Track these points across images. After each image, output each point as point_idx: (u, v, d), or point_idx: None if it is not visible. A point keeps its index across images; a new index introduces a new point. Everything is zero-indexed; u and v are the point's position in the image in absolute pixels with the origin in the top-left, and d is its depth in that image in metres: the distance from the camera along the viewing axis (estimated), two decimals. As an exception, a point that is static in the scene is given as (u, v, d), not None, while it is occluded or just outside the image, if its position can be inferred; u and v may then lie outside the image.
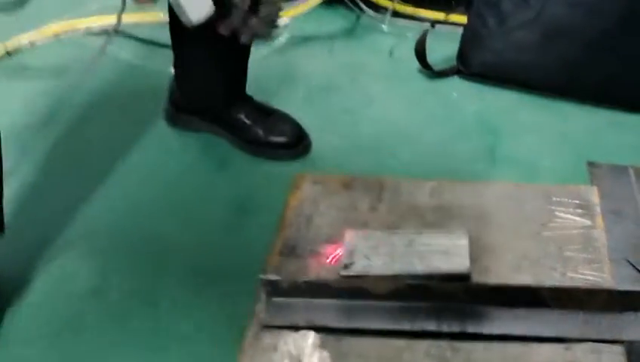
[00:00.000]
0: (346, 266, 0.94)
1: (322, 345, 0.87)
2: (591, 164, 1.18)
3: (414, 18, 1.55)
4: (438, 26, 1.42)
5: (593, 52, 1.25)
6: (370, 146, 1.24)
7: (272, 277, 0.89)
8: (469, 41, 1.35)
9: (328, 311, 0.87)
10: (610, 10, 1.22)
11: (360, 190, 1.12)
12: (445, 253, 0.94)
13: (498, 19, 1.29)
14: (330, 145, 1.25)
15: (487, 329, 0.85)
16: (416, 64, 1.41)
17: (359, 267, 0.93)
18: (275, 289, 0.88)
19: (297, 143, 1.21)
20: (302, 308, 0.88)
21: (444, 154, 1.23)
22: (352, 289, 0.87)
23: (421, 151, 1.24)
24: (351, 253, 0.96)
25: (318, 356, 0.87)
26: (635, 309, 0.85)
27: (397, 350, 0.85)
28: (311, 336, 0.87)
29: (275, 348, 0.86)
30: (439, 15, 1.49)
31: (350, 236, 0.99)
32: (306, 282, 0.88)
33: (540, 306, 0.85)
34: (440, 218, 1.05)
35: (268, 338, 0.88)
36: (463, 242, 0.95)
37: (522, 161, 1.20)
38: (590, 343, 0.84)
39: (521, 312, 0.85)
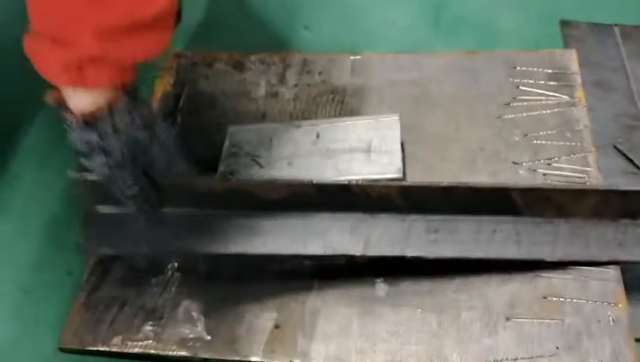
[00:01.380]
0: (223, 175, 0.65)
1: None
2: (565, 24, 0.89)
3: None
4: None
5: None
6: (273, 16, 0.91)
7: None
8: None
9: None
10: None
11: (255, 70, 0.81)
12: (367, 150, 0.65)
13: None
14: (218, 13, 0.91)
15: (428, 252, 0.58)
16: None
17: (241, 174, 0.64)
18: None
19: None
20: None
21: (374, 20, 0.91)
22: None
23: (343, 18, 0.92)
24: (231, 155, 0.67)
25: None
26: (633, 216, 0.59)
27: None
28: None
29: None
30: None
31: (232, 132, 0.69)
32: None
33: (503, 214, 0.58)
34: (364, 101, 0.75)
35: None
36: (394, 133, 0.66)
37: (475, 23, 0.90)
38: (573, 268, 0.59)
39: (468, 228, 0.58)
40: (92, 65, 0.45)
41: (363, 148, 0.64)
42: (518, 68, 0.76)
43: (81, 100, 0.48)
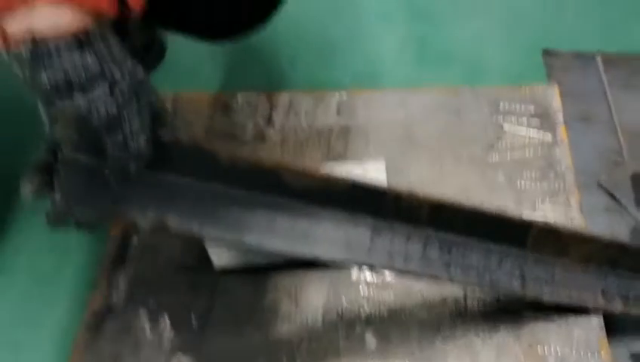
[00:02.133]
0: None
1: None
2: (548, 53, 0.90)
3: None
4: None
5: None
6: (257, 53, 0.92)
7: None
8: None
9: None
10: None
11: (242, 111, 0.82)
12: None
13: None
14: (201, 51, 0.91)
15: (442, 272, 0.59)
16: None
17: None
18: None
19: (146, 51, 0.87)
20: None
21: (357, 53, 0.92)
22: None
23: (328, 51, 0.92)
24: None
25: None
26: (613, 264, 0.60)
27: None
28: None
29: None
30: None
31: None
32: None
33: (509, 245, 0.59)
34: (350, 144, 0.76)
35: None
36: (380, 180, 0.67)
37: (461, 55, 0.91)
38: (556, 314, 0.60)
39: (479, 254, 0.59)
40: None
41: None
42: (501, 105, 0.77)
43: (61, 19, 0.38)
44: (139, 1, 0.42)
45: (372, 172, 0.67)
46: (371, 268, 0.57)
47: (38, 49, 0.38)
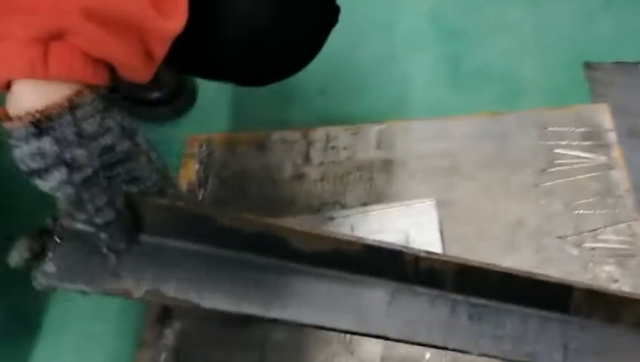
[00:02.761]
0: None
1: None
2: (589, 66, 0.86)
3: None
4: None
5: None
6: (287, 85, 0.90)
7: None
8: None
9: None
10: None
11: (278, 149, 0.79)
12: (405, 242, 0.63)
13: None
14: (226, 89, 0.89)
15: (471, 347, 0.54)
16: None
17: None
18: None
19: (177, 94, 0.85)
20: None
21: (389, 79, 0.89)
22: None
23: (359, 78, 0.90)
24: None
25: None
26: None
27: None
28: None
29: None
30: None
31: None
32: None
33: (550, 309, 0.54)
34: (393, 178, 0.74)
35: None
36: (430, 220, 0.64)
37: (497, 74, 0.88)
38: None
39: (514, 322, 0.53)
40: (59, 46, 0.36)
41: (401, 240, 0.63)
42: (549, 128, 0.74)
43: (29, 95, 0.37)
44: (142, 72, 0.41)
45: (422, 214, 0.64)
46: (387, 339, 0.51)
47: (8, 134, 0.37)
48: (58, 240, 0.44)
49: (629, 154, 0.73)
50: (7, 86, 0.38)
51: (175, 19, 0.40)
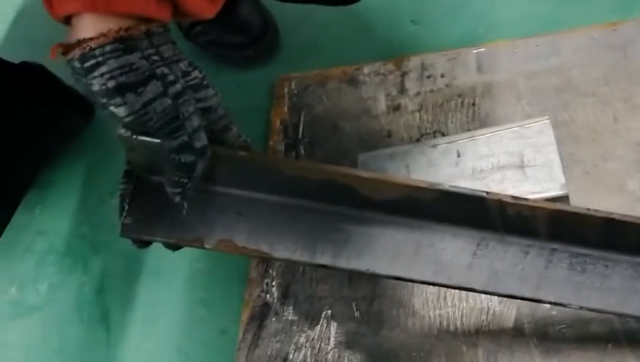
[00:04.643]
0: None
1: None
2: None
3: None
4: None
5: None
6: (376, 17, 0.85)
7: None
8: None
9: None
10: None
11: (371, 83, 0.76)
12: (520, 165, 0.58)
13: None
14: (310, 27, 0.86)
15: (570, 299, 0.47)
16: None
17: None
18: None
19: (261, 36, 0.83)
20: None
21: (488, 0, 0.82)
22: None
23: (453, 2, 0.83)
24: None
25: None
26: None
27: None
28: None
29: None
30: None
31: (364, 161, 0.65)
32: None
33: None
34: (498, 102, 0.68)
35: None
36: (547, 139, 0.58)
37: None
38: None
39: (623, 274, 0.47)
40: None
41: (516, 164, 0.58)
42: (676, 33, 0.66)
43: (90, 29, 0.37)
44: (206, 7, 0.40)
45: (536, 132, 0.59)
46: (473, 291, 0.47)
47: (86, 56, 0.37)
48: (133, 194, 0.44)
49: None
50: (68, 21, 0.39)
51: None
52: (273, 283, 0.64)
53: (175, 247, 0.46)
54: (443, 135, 0.67)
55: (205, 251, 0.67)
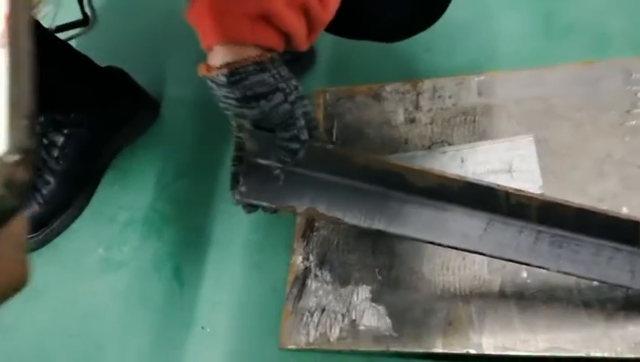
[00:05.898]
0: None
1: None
2: (675, 18, 0.94)
3: None
4: None
5: None
6: (399, 45, 1.03)
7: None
8: None
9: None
10: None
11: (392, 98, 0.94)
12: (509, 170, 0.76)
13: None
14: (342, 49, 1.04)
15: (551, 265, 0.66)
16: None
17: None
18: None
19: (302, 55, 1.01)
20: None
21: (489, 35, 1.01)
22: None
23: (460, 35, 1.02)
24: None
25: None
26: None
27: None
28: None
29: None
30: None
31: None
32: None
33: (622, 242, 0.64)
34: (494, 120, 0.87)
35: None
36: (530, 152, 0.77)
37: (586, 28, 0.98)
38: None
39: (588, 251, 0.64)
40: (263, 23, 0.52)
41: (505, 169, 0.76)
42: (633, 75, 0.84)
43: (244, 54, 0.53)
44: (304, 43, 0.57)
45: (522, 148, 0.77)
46: (483, 254, 0.64)
47: (234, 73, 0.53)
48: (246, 170, 0.61)
49: None
50: (210, 48, 0.55)
51: (330, 11, 0.56)
52: (312, 253, 0.82)
53: (273, 211, 0.64)
54: (449, 144, 0.86)
55: (258, 224, 0.85)
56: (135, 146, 0.98)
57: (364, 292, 0.77)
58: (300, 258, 0.82)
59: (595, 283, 0.70)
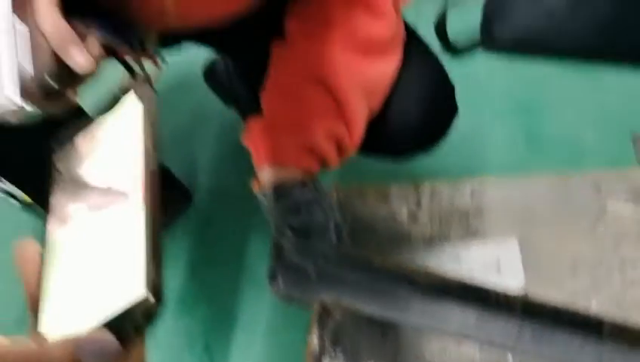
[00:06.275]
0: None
1: None
2: (636, 137, 1.11)
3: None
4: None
5: (626, 11, 1.16)
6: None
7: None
8: (493, 12, 1.26)
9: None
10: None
11: (397, 200, 1.09)
12: (497, 267, 0.90)
13: (523, -13, 1.20)
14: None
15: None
16: (434, 41, 1.32)
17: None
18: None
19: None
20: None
21: (479, 142, 1.17)
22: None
23: (454, 141, 1.17)
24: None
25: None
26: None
27: None
28: None
29: None
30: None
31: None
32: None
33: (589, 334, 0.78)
34: (484, 221, 1.01)
35: None
36: (514, 253, 0.91)
37: (563, 141, 1.14)
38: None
39: (562, 339, 0.78)
40: (312, 155, 0.68)
41: (494, 266, 0.90)
42: (603, 187, 1.00)
43: (289, 174, 0.68)
44: (336, 165, 0.72)
45: (507, 249, 0.91)
46: (475, 340, 0.78)
47: (281, 189, 0.67)
48: (284, 268, 0.75)
49: (666, 207, 0.98)
50: (261, 167, 0.70)
51: (357, 142, 0.71)
52: (327, 334, 0.94)
53: (305, 303, 0.77)
54: (447, 241, 1.00)
55: (280, 307, 0.98)
56: (169, 231, 1.11)
57: (374, 372, 0.89)
58: (316, 338, 0.94)
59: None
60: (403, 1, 0.70)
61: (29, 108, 0.52)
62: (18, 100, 0.51)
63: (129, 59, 0.59)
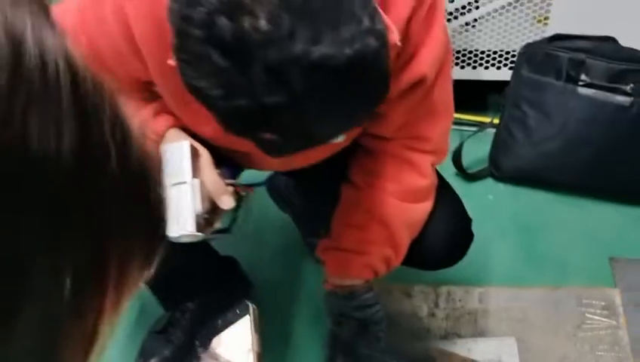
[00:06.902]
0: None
1: None
2: (613, 259, 1.38)
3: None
4: (464, 126, 1.62)
5: (608, 157, 1.46)
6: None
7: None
8: (500, 149, 1.57)
9: None
10: (620, 123, 1.43)
11: (418, 298, 1.35)
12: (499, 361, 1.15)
13: (525, 134, 1.51)
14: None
15: None
16: (450, 167, 1.61)
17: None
18: None
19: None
20: None
21: (487, 256, 1.44)
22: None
23: (467, 254, 1.45)
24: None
25: None
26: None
27: None
28: None
29: None
30: (470, 117, 1.68)
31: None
32: None
33: None
34: (490, 322, 1.27)
35: None
36: (513, 351, 1.16)
37: (554, 259, 1.41)
38: None
39: None
40: (369, 269, 0.95)
41: (495, 360, 1.15)
42: (584, 300, 1.26)
43: (351, 281, 0.97)
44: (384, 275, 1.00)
45: (507, 346, 1.17)
46: None
47: (352, 293, 0.95)
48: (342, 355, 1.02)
49: (631, 319, 1.23)
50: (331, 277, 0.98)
51: (400, 260, 0.99)
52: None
53: None
54: (459, 337, 1.25)
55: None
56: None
57: None
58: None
59: None
60: (439, 162, 1.00)
61: (200, 235, 0.80)
62: (195, 232, 0.79)
63: (241, 190, 0.89)
